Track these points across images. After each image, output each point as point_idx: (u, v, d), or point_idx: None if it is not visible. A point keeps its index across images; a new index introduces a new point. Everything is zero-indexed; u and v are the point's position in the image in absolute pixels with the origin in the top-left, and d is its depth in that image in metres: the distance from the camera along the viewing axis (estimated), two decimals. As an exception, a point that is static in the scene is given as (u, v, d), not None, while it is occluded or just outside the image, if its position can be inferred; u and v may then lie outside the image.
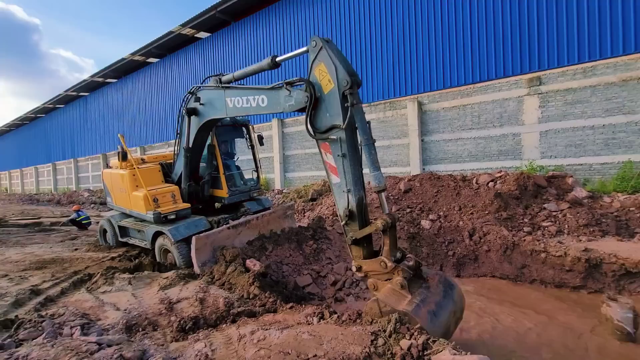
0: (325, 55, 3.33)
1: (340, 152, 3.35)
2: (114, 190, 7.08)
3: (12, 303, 4.12)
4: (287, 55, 4.02)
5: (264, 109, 4.35)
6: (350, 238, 3.39)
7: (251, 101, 4.46)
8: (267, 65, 4.19)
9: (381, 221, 3.10)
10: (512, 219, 6.93)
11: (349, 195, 3.37)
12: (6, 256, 6.94)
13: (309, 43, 3.44)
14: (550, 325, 4.12)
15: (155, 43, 20.35)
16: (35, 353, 2.69)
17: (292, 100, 3.74)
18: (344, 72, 3.23)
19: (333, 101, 3.36)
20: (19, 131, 41.70)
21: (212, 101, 5.31)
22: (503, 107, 10.26)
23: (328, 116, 3.45)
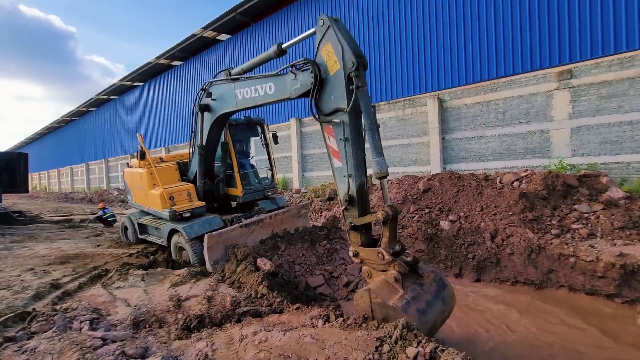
0: (332, 35, 3.21)
1: (342, 136, 3.25)
2: (133, 189, 7.29)
3: (32, 296, 4.28)
4: (293, 40, 3.92)
5: (272, 96, 4.24)
6: (349, 224, 3.31)
7: (259, 90, 4.40)
8: (273, 53, 4.16)
9: (382, 212, 3.00)
10: (539, 220, 6.51)
11: (350, 180, 3.28)
12: (35, 251, 7.31)
13: (317, 22, 3.35)
14: (576, 336, 3.79)
15: (179, 46, 20.93)
16: (42, 346, 2.75)
17: (298, 83, 3.65)
18: (350, 53, 3.10)
19: (338, 83, 3.24)
20: (56, 133, 44.29)
21: (223, 95, 5.32)
22: (530, 102, 9.70)
23: (333, 98, 3.34)
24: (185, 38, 20.01)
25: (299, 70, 3.66)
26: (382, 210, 3.02)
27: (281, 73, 3.93)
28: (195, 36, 19.55)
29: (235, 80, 4.90)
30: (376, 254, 3.08)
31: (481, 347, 3.55)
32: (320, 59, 3.37)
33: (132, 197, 7.47)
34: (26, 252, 7.26)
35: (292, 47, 4.10)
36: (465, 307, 4.60)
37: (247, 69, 4.86)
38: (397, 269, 2.96)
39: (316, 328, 3.00)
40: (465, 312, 4.41)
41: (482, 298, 4.97)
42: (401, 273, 2.94)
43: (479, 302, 4.79)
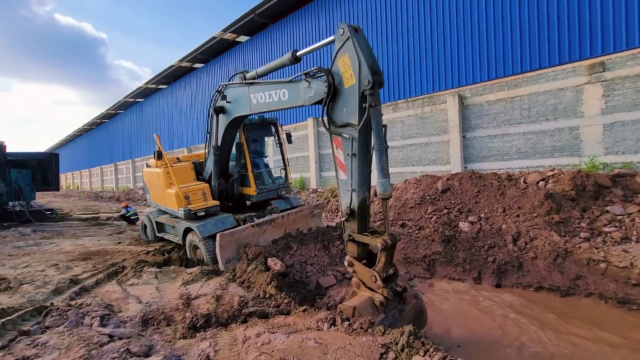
0: (351, 48, 3.09)
1: (350, 151, 3.23)
2: (151, 188, 7.47)
3: (52, 291, 4.45)
4: (309, 49, 3.87)
5: (286, 103, 4.23)
6: (348, 235, 3.38)
7: (273, 96, 4.40)
8: (287, 60, 4.11)
9: (381, 242, 3.05)
10: (566, 223, 6.11)
11: (353, 194, 3.29)
12: (61, 247, 7.65)
13: (337, 30, 3.22)
14: (607, 353, 3.48)
15: (200, 49, 21.43)
16: (52, 341, 2.82)
17: (311, 91, 3.61)
18: (367, 70, 2.99)
19: (351, 98, 3.17)
20: (88, 135, 46.59)
21: (238, 98, 5.34)
22: (558, 97, 9.17)
23: (345, 112, 3.28)
24: (206, 41, 20.45)
25: (312, 78, 3.62)
26: (382, 239, 3.06)
27: (295, 80, 3.92)
28: (216, 39, 19.94)
29: (250, 85, 4.90)
30: (370, 274, 3.18)
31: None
32: (336, 69, 3.30)
33: (151, 196, 7.67)
34: (53, 248, 7.61)
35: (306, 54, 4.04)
36: (482, 314, 4.36)
37: (262, 74, 4.85)
38: (384, 294, 3.08)
39: (321, 332, 2.92)
40: (481, 320, 4.17)
41: (501, 305, 4.70)
42: (387, 299, 3.08)
43: (497, 310, 4.53)
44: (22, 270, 5.67)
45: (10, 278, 4.98)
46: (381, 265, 3.13)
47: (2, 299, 4.19)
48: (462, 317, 4.31)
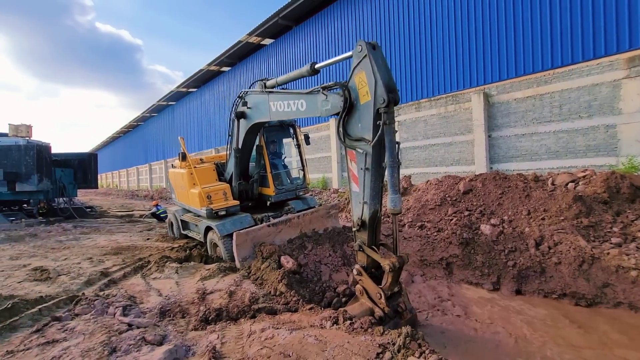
0: (368, 65, 3.15)
1: (364, 166, 3.33)
2: (176, 188, 7.87)
3: (84, 282, 4.84)
4: (327, 62, 3.96)
5: (303, 113, 4.36)
6: (357, 245, 3.51)
7: (292, 105, 4.55)
8: (306, 72, 4.23)
9: (389, 264, 3.16)
10: (596, 227, 5.76)
11: (365, 206, 3.38)
12: (96, 242, 8.25)
13: (355, 47, 3.29)
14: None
15: (227, 53, 22.14)
16: (79, 327, 3.10)
17: (328, 104, 3.70)
18: (382, 89, 3.05)
19: (366, 114, 3.25)
20: (125, 137, 49.48)
21: (258, 105, 5.52)
22: (592, 94, 8.62)
23: (359, 127, 3.36)
24: (232, 44, 21.11)
25: (329, 91, 3.73)
26: (390, 262, 3.17)
27: (313, 92, 4.01)
28: (241, 42, 20.52)
29: (270, 93, 5.05)
30: (375, 291, 3.31)
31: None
32: (352, 84, 3.37)
33: (176, 196, 8.08)
34: (89, 242, 8.23)
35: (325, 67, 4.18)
36: (499, 323, 4.23)
37: (281, 83, 5.01)
38: (385, 311, 3.24)
39: (323, 329, 2.99)
40: (496, 331, 4.04)
41: (519, 313, 4.53)
42: (386, 315, 3.24)
43: (514, 319, 4.37)
44: (61, 262, 6.19)
45: (50, 269, 5.47)
46: (387, 285, 3.26)
47: (42, 288, 4.63)
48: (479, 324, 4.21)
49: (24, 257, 6.73)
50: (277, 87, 5.15)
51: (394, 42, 13.18)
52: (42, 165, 12.51)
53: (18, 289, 4.56)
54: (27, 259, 6.55)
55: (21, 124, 13.62)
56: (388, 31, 13.41)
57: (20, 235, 8.99)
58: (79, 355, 2.66)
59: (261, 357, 2.57)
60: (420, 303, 4.73)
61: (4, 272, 5.51)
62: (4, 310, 3.53)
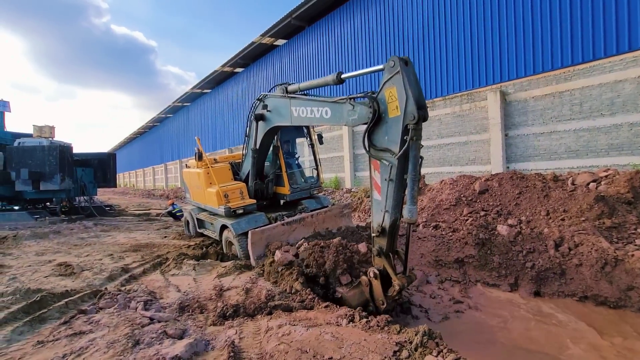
0: (400, 81, 3.23)
1: (388, 177, 3.42)
2: (191, 187, 8.02)
3: (106, 277, 5.01)
4: (355, 73, 4.00)
5: (327, 121, 4.37)
6: (376, 250, 3.60)
7: (315, 112, 4.57)
8: (332, 80, 4.26)
9: (399, 284, 3.35)
10: (619, 228, 5.59)
11: (386, 215, 3.48)
12: (116, 239, 8.50)
13: (387, 61, 3.35)
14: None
15: (240, 54, 22.40)
16: (104, 320, 3.22)
17: (355, 114, 3.77)
18: (413, 106, 3.14)
19: (394, 128, 3.35)
20: (141, 138, 50.67)
21: (278, 109, 5.53)
22: (615, 91, 8.35)
23: (386, 139, 3.46)
24: (245, 46, 21.34)
25: (356, 101, 3.80)
26: (400, 281, 3.37)
27: (339, 101, 4.05)
28: (255, 43, 20.73)
29: (292, 98, 5.07)
30: (380, 297, 3.45)
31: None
32: (382, 97, 3.44)
33: (190, 195, 8.23)
34: (110, 240, 8.49)
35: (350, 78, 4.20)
36: (516, 325, 4.16)
37: (304, 89, 5.03)
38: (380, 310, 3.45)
39: (339, 327, 3.01)
40: (513, 332, 3.97)
41: (538, 315, 4.44)
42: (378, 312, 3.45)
43: (533, 320, 4.29)
44: (84, 258, 6.42)
45: (74, 265, 5.68)
46: (391, 295, 3.44)
47: (67, 283, 4.81)
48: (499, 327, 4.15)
49: (49, 253, 7.00)
50: (299, 92, 5.18)
51: (408, 40, 13.07)
52: (64, 165, 12.96)
53: (45, 283, 4.76)
54: (51, 254, 6.82)
55: (45, 125, 14.14)
56: (401, 29, 13.31)
57: (44, 232, 9.35)
58: (104, 346, 2.77)
59: (279, 352, 2.62)
60: (435, 304, 4.69)
61: (31, 267, 5.76)
62: (34, 302, 3.70)
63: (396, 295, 3.43)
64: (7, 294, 4.11)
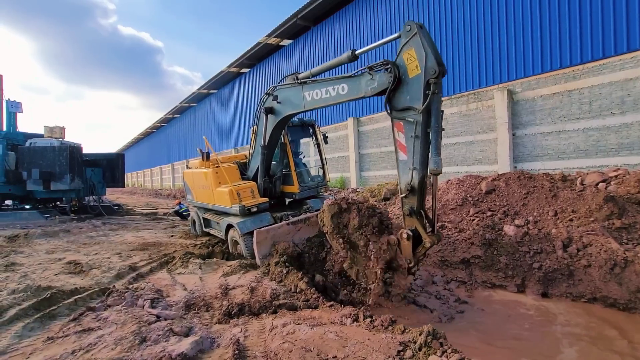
0: (418, 42, 3.45)
1: (413, 134, 3.59)
2: (195, 188, 8.03)
3: (114, 275, 5.09)
4: (369, 47, 4.21)
5: (344, 97, 4.49)
6: (407, 210, 3.74)
7: (330, 91, 4.65)
8: (346, 58, 4.42)
9: (430, 241, 3.55)
10: (629, 229, 5.49)
11: (414, 172, 3.62)
12: (124, 238, 8.62)
13: (402, 27, 3.59)
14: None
15: (246, 55, 22.51)
16: (112, 317, 3.27)
17: (374, 83, 3.94)
18: (433, 61, 3.36)
19: (416, 86, 3.55)
20: (149, 138, 51.23)
21: (290, 98, 5.54)
22: (626, 89, 8.21)
23: (408, 98, 3.65)
24: (251, 46, 21.45)
25: (374, 71, 3.96)
26: (431, 239, 3.57)
27: (355, 75, 4.23)
28: (261, 44, 20.81)
29: (304, 84, 5.14)
30: (409, 256, 3.71)
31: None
32: (400, 61, 3.65)
33: (193, 196, 8.20)
34: (118, 238, 8.61)
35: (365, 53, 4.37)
36: (522, 326, 4.12)
37: (317, 73, 5.10)
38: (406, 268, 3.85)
39: (344, 326, 3.02)
40: (519, 333, 3.93)
41: (543, 318, 4.40)
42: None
43: (540, 321, 4.25)
44: (92, 256, 6.52)
45: (83, 263, 5.78)
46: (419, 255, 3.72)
47: (76, 280, 4.90)
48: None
49: (59, 251, 7.13)
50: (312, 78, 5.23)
51: (414, 40, 13.00)
52: (74, 165, 13.17)
53: (55, 280, 4.85)
54: (61, 253, 6.94)
55: (55, 126, 14.38)
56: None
57: (54, 230, 9.52)
58: (112, 342, 2.82)
59: (283, 350, 2.64)
60: (440, 304, 4.67)
61: (42, 264, 5.87)
62: (44, 300, 3.78)
63: (423, 254, 3.70)
64: (18, 291, 4.20)
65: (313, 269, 5.50)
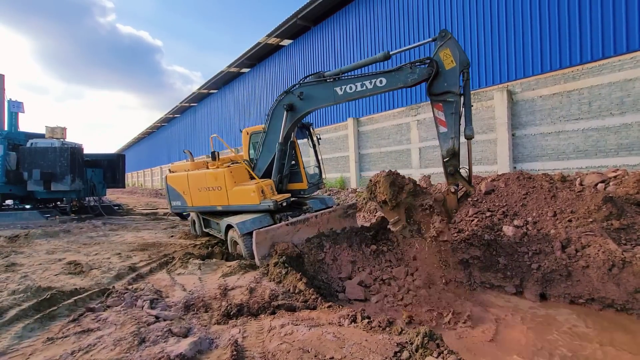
0: (452, 44, 4.68)
1: (453, 111, 4.74)
2: (191, 191, 7.39)
3: (114, 276, 5.11)
4: (404, 49, 5.50)
5: (381, 88, 5.28)
6: (451, 169, 5.07)
7: (367, 84, 5.38)
8: (381, 57, 5.33)
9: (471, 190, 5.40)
10: (628, 230, 5.50)
11: (455, 140, 4.84)
12: (124, 238, 8.64)
13: (438, 34, 4.79)
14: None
15: (246, 55, 22.53)
16: (111, 318, 3.29)
17: (415, 74, 4.99)
18: (465, 56, 4.69)
19: (452, 75, 4.71)
20: (149, 138, 51.27)
21: (317, 94, 5.96)
22: (625, 90, 8.22)
23: (445, 85, 4.77)
24: (252, 46, 21.47)
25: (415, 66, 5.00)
26: (472, 188, 5.28)
27: (394, 69, 5.16)
28: (261, 44, 20.83)
29: (336, 80, 5.71)
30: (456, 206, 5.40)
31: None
32: (437, 58, 4.78)
33: (186, 201, 7.55)
34: (118, 239, 8.63)
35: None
36: (521, 327, 4.13)
37: (347, 70, 5.71)
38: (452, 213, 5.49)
39: (342, 327, 3.04)
40: (517, 335, 3.95)
41: (541, 319, 4.41)
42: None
43: (536, 325, 4.26)
44: (92, 257, 6.55)
45: (83, 263, 5.80)
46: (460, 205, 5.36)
47: (76, 281, 4.92)
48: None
49: (59, 251, 7.15)
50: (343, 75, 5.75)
51: (412, 39, 13.02)
52: (75, 166, 13.20)
53: (55, 281, 4.88)
54: (61, 253, 6.96)
55: (56, 126, 14.40)
56: (406, 29, 13.26)
57: (55, 231, 9.55)
58: (111, 343, 2.84)
59: (281, 351, 2.65)
60: (440, 305, 4.69)
61: (42, 265, 5.89)
62: (44, 300, 3.80)
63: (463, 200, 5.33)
64: (18, 291, 4.22)
65: (312, 269, 5.52)
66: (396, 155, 14.20)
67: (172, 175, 7.63)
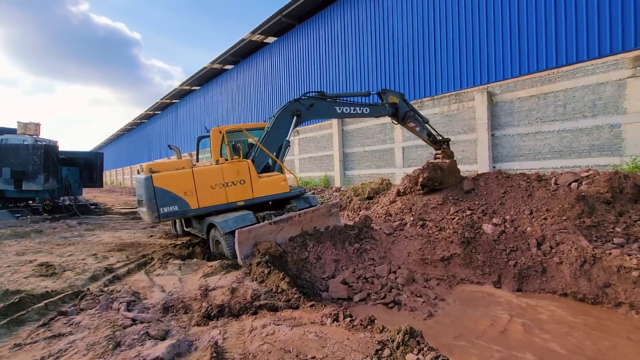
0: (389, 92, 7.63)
1: (416, 118, 7.84)
2: (198, 190, 6.33)
3: (89, 278, 4.91)
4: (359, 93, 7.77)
5: (366, 115, 7.55)
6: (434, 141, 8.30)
7: (357, 109, 7.39)
8: (364, 93, 7.73)
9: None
10: (599, 227, 5.75)
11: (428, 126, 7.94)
12: (101, 238, 8.34)
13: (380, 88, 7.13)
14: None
15: (230, 51, 22.17)
16: (85, 321, 3.16)
17: (386, 110, 7.56)
18: (397, 92, 7.62)
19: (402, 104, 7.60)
20: (128, 135, 49.76)
21: (322, 108, 7.27)
22: (597, 93, 8.58)
23: (402, 110, 7.68)
24: (235, 43, 21.15)
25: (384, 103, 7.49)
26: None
27: (374, 104, 7.44)
28: (245, 40, 20.55)
29: (334, 100, 7.29)
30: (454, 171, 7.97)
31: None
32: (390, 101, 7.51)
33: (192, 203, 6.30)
34: (94, 239, 8.32)
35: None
36: (498, 321, 4.25)
37: (342, 96, 7.42)
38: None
39: (324, 326, 3.03)
40: (495, 329, 4.06)
41: (518, 313, 4.55)
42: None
43: (514, 319, 4.39)
44: (66, 258, 6.28)
45: (56, 265, 5.55)
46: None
47: (48, 283, 4.70)
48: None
49: (30, 252, 6.83)
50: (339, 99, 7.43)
51: (397, 40, 13.15)
52: (48, 165, 12.62)
53: (25, 284, 4.64)
54: (32, 254, 6.65)
55: (30, 122, 13.74)
56: (390, 29, 13.38)
57: (25, 231, 9.11)
58: (84, 348, 2.72)
59: (262, 352, 2.62)
60: (420, 302, 4.76)
61: (11, 267, 5.61)
62: (12, 304, 3.60)
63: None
64: (-16, 295, 3.99)
65: (296, 268, 5.49)
66: (380, 154, 14.33)
67: (164, 175, 6.15)
